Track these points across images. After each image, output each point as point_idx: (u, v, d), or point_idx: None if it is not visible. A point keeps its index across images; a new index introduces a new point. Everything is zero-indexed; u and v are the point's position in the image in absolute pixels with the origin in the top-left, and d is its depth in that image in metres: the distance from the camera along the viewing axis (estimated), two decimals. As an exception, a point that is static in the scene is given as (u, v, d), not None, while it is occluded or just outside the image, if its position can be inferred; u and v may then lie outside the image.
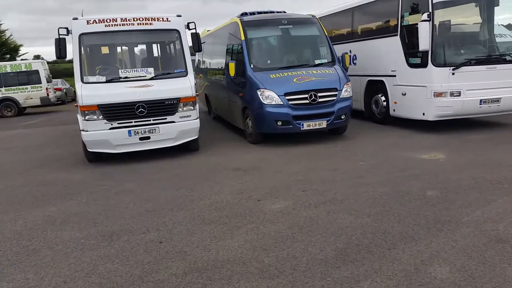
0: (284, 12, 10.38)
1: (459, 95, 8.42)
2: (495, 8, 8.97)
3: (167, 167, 7.14)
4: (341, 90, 8.41)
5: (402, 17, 9.22)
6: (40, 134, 12.37)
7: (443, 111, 8.50)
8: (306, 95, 8.12)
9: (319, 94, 8.18)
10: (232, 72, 8.65)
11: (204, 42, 13.72)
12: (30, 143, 10.74)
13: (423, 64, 8.61)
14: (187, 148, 8.18)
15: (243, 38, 8.88)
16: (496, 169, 5.86)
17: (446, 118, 8.68)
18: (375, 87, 10.37)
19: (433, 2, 8.23)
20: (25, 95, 17.73)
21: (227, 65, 8.87)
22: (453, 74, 8.32)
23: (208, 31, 13.72)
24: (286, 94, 8.10)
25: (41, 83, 17.77)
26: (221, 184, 5.92)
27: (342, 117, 8.46)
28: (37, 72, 17.63)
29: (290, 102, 8.09)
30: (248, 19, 9.34)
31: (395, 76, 9.58)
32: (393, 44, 9.46)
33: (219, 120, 12.30)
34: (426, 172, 5.96)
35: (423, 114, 8.78)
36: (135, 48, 9.44)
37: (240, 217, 4.59)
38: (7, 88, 17.62)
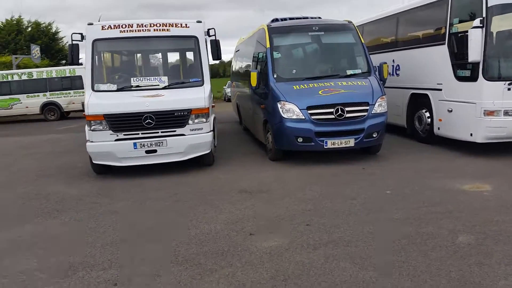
0: (319, 18, 9.54)
1: (517, 115, 7.13)
2: None
3: (169, 184, 6.57)
4: (374, 104, 7.42)
5: (451, 24, 8.06)
6: (69, 139, 12.39)
7: (495, 133, 7.24)
8: (331, 110, 7.23)
9: (347, 109, 7.25)
10: (253, 82, 7.96)
11: (238, 50, 13.29)
12: (55, 148, 10.70)
13: (473, 78, 7.41)
14: (200, 163, 7.58)
15: (268, 45, 8.18)
16: (557, 211, 4.67)
17: (498, 141, 7.39)
18: (419, 102, 9.23)
19: (488, 5, 7.05)
20: (68, 99, 18.18)
21: (249, 74, 8.19)
22: (509, 89, 7.06)
23: (242, 38, 13.17)
24: (309, 107, 7.26)
25: (83, 88, 18.07)
26: (218, 210, 5.21)
27: (374, 135, 7.45)
28: (80, 77, 17.99)
29: (313, 117, 7.24)
30: (276, 25, 8.62)
31: (441, 90, 8.41)
32: (440, 54, 8.31)
33: (248, 132, 11.64)
34: (463, 208, 4.89)
35: (471, 135, 7.56)
36: (151, 56, 9.01)
37: (220, 257, 3.85)
38: (51, 92, 18.18)
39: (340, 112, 7.20)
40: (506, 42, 7.50)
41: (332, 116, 7.22)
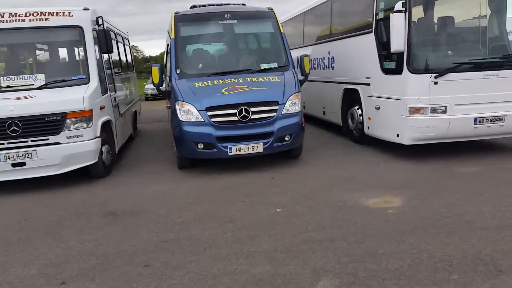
0: (244, 5, 8.44)
1: (445, 112, 6.25)
2: None
3: (30, 204, 5.53)
4: (284, 103, 6.45)
5: (378, 9, 7.12)
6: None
7: (422, 133, 6.35)
8: (235, 110, 6.23)
9: (253, 109, 6.27)
10: (155, 78, 6.89)
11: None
12: None
13: (398, 70, 6.50)
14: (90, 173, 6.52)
15: (173, 35, 7.12)
16: (468, 233, 3.79)
17: (427, 142, 6.52)
18: (352, 98, 8.31)
19: (413, -13, 6.11)
20: None
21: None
22: (435, 83, 6.17)
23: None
24: (208, 108, 6.26)
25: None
26: (56, 243, 4.19)
27: (287, 139, 6.49)
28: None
29: (214, 120, 6.24)
30: (184, 13, 7.54)
31: (369, 84, 7.49)
32: (368, 44, 7.39)
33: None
34: (351, 233, 3.97)
35: (397, 135, 6.67)
36: (27, 50, 7.84)
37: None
38: None
39: (244, 113, 6.22)
40: (433, 28, 6.58)
41: (236, 118, 6.23)
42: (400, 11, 6.13)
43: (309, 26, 11.12)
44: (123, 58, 10.04)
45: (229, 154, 6.27)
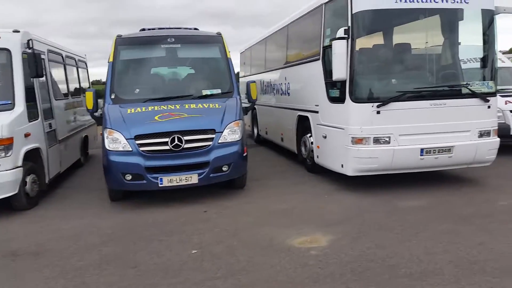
0: (196, 29, 8.15)
1: (388, 142, 5.94)
2: (459, 22, 6.51)
3: None
4: (222, 131, 6.07)
5: (325, 35, 6.89)
6: None
7: (365, 164, 6.02)
8: (166, 139, 5.83)
9: (186, 138, 5.88)
10: (88, 104, 6.49)
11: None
12: None
13: (341, 99, 6.22)
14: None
15: (111, 59, 6.78)
16: (386, 282, 3.38)
17: (371, 173, 6.18)
18: (305, 125, 7.99)
19: (353, 11, 5.88)
20: None
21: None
22: (378, 113, 5.88)
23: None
24: (137, 137, 5.84)
25: None
26: None
27: (224, 169, 6.09)
28: None
29: (143, 149, 5.82)
30: (126, 36, 7.21)
31: (318, 112, 7.20)
32: (316, 71, 7.13)
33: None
34: (263, 280, 3.55)
35: (342, 166, 6.32)
36: None
37: None
38: None
39: (176, 142, 5.82)
40: (376, 55, 6.35)
41: (167, 147, 5.83)
42: (342, 38, 5.89)
43: (270, 51, 10.94)
44: (73, 82, 9.65)
45: (159, 185, 5.83)
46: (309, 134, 7.74)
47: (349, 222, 5.02)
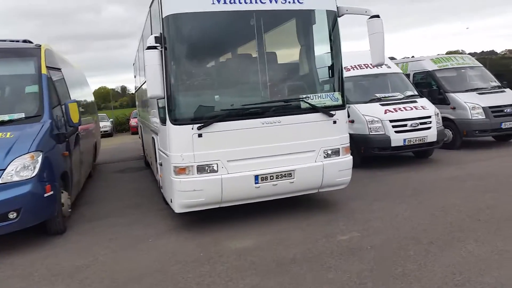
0: (12, 41, 6.72)
1: (215, 171, 4.96)
2: (297, 26, 5.70)
3: None
4: (4, 169, 4.81)
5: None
6: None
7: (191, 199, 5.00)
8: None
9: (-48, 181, 4.55)
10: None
11: None
12: None
13: (164, 120, 5.18)
14: None
15: None
16: None
17: (200, 209, 5.18)
18: (159, 148, 6.86)
19: (164, 15, 4.87)
20: None
21: None
22: (199, 136, 4.88)
23: None
24: None
25: None
26: None
27: (11, 216, 4.81)
28: None
29: None
30: None
31: (157, 134, 6.14)
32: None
33: None
34: None
35: (171, 201, 5.29)
36: None
37: None
38: None
39: None
40: (196, 68, 5.37)
41: None
42: (153, 48, 4.84)
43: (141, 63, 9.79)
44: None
45: None
46: (160, 160, 6.64)
47: (150, 278, 3.94)
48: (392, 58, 12.12)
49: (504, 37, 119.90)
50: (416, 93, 9.28)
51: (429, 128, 8.39)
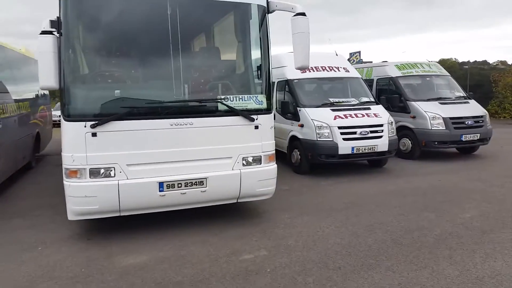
0: None
1: (111, 176, 4.41)
2: (217, 19, 5.18)
3: None
4: None
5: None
6: None
7: (83, 205, 4.44)
8: None
9: None
10: None
11: None
12: None
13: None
14: None
15: None
16: None
17: (95, 217, 4.62)
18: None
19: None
20: None
21: None
22: (94, 135, 4.32)
23: None
24: None
25: None
26: None
27: None
28: None
29: None
30: None
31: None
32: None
33: None
34: None
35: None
36: None
37: None
38: None
39: None
40: (95, 57, 4.79)
41: None
42: (48, 33, 4.27)
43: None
44: None
45: None
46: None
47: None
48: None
49: (498, 49, 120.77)
50: (372, 99, 8.82)
51: (380, 137, 7.94)
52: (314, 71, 8.93)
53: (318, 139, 7.76)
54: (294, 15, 4.66)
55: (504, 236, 4.61)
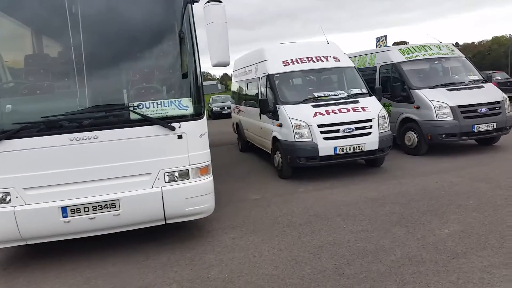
0: None
1: (7, 201, 3.93)
2: (156, 12, 4.52)
3: None
4: None
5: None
6: None
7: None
8: None
9: None
10: None
11: None
12: None
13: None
14: None
15: None
16: None
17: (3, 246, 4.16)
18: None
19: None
20: None
21: None
22: (-13, 155, 3.84)
23: None
24: None
25: None
26: None
27: None
28: None
29: None
30: None
31: None
32: None
33: None
34: None
35: None
36: None
37: None
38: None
39: None
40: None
41: None
42: None
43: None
44: None
45: None
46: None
47: None
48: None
49: None
50: (364, 91, 7.82)
51: (368, 133, 6.98)
52: (299, 63, 8.08)
53: (296, 140, 6.94)
54: (207, 2, 3.92)
55: (476, 263, 3.64)
